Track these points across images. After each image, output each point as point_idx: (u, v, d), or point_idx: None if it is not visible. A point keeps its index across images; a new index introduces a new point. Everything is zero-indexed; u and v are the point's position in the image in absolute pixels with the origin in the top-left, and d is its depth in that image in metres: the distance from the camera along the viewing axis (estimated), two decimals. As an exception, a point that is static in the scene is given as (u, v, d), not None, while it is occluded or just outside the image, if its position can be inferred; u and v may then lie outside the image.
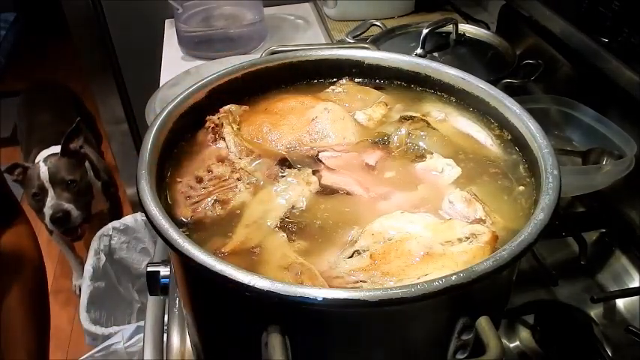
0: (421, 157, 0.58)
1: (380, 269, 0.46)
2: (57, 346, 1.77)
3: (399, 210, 0.51)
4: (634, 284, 0.76)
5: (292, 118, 0.63)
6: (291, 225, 0.51)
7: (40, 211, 1.65)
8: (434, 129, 0.61)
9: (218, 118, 0.62)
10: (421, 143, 0.60)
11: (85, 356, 1.44)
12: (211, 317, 0.51)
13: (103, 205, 1.89)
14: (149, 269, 0.69)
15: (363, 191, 0.55)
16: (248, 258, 0.48)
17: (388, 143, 0.61)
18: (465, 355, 0.44)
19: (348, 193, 0.55)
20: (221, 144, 0.60)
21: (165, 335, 0.74)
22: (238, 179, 0.55)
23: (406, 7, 1.34)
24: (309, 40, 1.33)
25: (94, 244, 1.69)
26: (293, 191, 0.54)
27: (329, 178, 0.56)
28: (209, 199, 0.53)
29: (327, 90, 0.68)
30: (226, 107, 0.64)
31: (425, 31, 0.98)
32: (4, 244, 0.78)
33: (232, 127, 0.61)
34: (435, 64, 0.66)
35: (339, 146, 0.61)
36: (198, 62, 1.23)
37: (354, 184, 0.55)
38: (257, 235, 0.50)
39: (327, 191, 0.55)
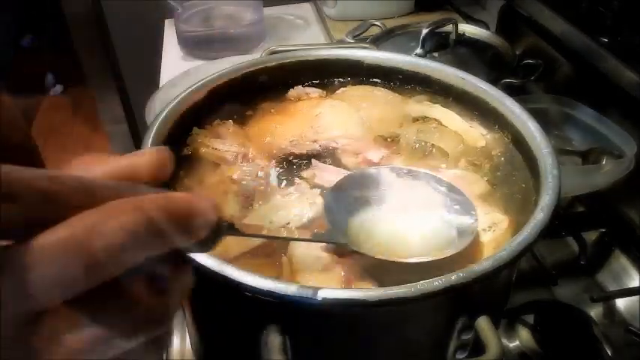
0: (427, 156, 0.59)
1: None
2: (57, 346, 1.77)
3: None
4: (634, 284, 0.76)
5: (296, 117, 0.63)
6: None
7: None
8: (440, 129, 0.61)
9: (218, 121, 0.62)
10: (428, 143, 0.60)
11: (85, 356, 1.44)
12: (211, 317, 0.51)
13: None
14: (149, 269, 0.69)
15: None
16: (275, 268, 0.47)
17: (392, 141, 0.61)
18: (465, 354, 0.44)
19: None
20: (221, 145, 0.60)
21: (165, 335, 0.74)
22: (239, 182, 0.55)
23: (406, 7, 1.34)
24: (308, 40, 1.33)
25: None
26: (296, 204, 0.53)
27: (323, 178, 0.56)
28: (209, 200, 0.53)
29: (337, 92, 0.68)
30: (227, 108, 0.64)
31: (425, 31, 0.98)
32: None
33: (233, 129, 0.61)
34: (435, 64, 0.66)
35: (342, 138, 0.61)
36: (198, 62, 1.23)
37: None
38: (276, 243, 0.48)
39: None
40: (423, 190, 0.50)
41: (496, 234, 0.49)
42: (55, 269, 0.20)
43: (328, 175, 0.56)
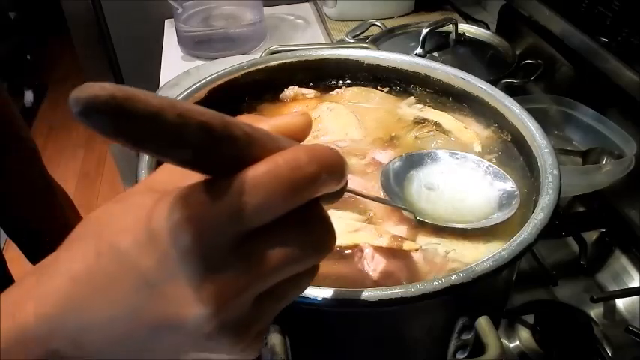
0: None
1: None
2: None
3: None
4: (634, 284, 0.76)
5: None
6: None
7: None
8: (437, 136, 0.61)
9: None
10: (430, 146, 0.60)
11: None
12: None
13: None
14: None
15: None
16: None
17: (392, 143, 0.61)
18: (465, 354, 0.44)
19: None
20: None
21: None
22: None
23: (406, 7, 1.34)
24: (309, 40, 1.33)
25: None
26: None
27: None
28: None
29: (332, 92, 0.68)
30: (227, 108, 0.64)
31: (425, 31, 0.98)
32: None
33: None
34: (435, 64, 0.66)
35: (342, 142, 0.61)
36: (198, 62, 1.23)
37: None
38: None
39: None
40: (469, 167, 0.55)
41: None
42: (264, 195, 0.24)
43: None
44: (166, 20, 1.45)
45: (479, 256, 0.47)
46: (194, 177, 0.25)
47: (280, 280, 0.27)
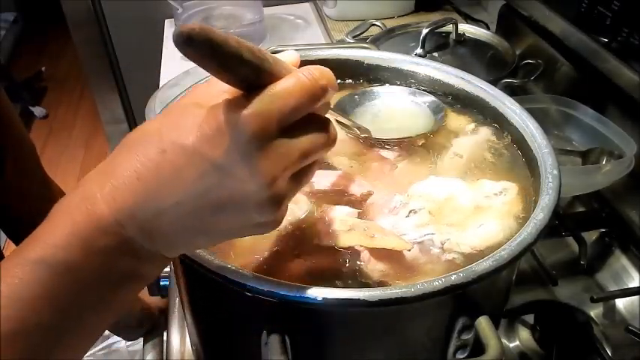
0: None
1: (443, 222, 0.49)
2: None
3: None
4: (634, 284, 0.76)
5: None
6: None
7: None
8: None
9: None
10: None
11: (85, 354, 1.44)
12: (211, 317, 0.51)
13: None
14: (149, 269, 0.69)
15: (358, 187, 0.55)
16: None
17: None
18: (465, 354, 0.44)
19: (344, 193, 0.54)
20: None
21: (165, 335, 0.74)
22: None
23: (406, 7, 1.34)
24: (309, 40, 1.33)
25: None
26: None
27: (320, 183, 0.55)
28: None
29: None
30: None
31: (425, 31, 0.98)
32: None
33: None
34: (435, 64, 0.66)
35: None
36: (199, 62, 1.23)
37: (349, 182, 0.55)
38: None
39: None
40: (406, 95, 0.65)
41: (507, 198, 0.52)
42: (297, 98, 0.33)
43: (324, 178, 0.56)
44: (166, 20, 1.45)
45: (474, 241, 0.48)
46: (225, 95, 0.33)
47: (303, 166, 0.35)
